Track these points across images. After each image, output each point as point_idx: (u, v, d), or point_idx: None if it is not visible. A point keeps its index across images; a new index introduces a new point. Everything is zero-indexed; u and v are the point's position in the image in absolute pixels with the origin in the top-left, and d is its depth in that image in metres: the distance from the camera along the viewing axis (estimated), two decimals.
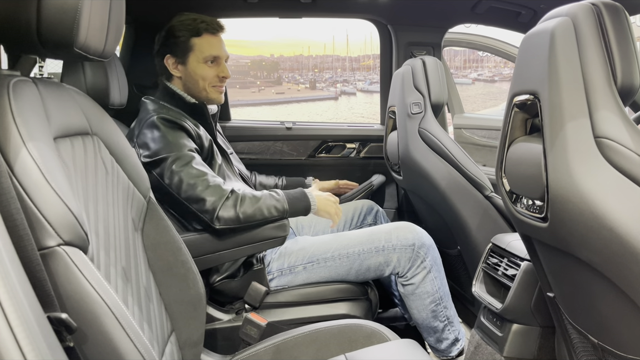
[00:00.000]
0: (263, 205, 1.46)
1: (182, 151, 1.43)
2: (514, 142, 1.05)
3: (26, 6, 0.73)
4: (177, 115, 1.50)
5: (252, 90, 40.44)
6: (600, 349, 0.98)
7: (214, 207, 1.40)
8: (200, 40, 1.57)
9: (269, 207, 1.46)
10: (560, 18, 0.88)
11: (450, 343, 1.65)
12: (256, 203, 1.45)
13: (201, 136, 1.53)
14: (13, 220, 0.59)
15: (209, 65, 1.59)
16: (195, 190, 1.40)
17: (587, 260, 0.88)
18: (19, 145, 0.67)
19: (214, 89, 1.62)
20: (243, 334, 1.34)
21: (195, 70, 1.58)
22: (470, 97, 24.97)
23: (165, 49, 1.59)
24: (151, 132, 1.44)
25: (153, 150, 1.42)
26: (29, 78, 0.80)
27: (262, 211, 1.45)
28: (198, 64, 1.58)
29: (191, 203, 1.41)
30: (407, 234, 1.59)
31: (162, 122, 1.46)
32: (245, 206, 1.43)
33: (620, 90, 0.84)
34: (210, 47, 1.58)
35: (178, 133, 1.46)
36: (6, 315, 0.46)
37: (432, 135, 1.85)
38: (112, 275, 0.86)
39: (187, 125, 1.49)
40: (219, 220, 1.41)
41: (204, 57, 1.58)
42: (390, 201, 2.56)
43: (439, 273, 1.62)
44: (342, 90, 40.21)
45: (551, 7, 0.95)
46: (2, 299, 0.46)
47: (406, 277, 1.59)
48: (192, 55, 1.58)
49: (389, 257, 1.56)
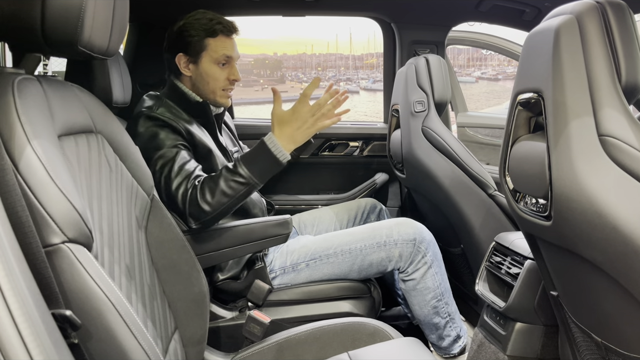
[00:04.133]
0: (223, 184, 1.35)
1: (166, 148, 1.40)
2: (518, 141, 1.05)
3: (31, 5, 0.74)
4: (168, 113, 1.47)
5: (255, 88, 40.41)
6: (604, 347, 0.98)
7: (183, 206, 1.35)
8: (214, 41, 1.55)
9: (229, 184, 1.35)
10: (564, 16, 0.88)
11: (452, 340, 1.65)
12: (216, 186, 1.35)
13: (194, 134, 1.49)
14: (18, 217, 0.60)
15: (221, 67, 1.57)
16: (170, 189, 1.36)
17: (591, 258, 0.88)
18: (24, 143, 0.67)
19: (223, 93, 1.60)
20: (246, 332, 1.34)
21: (207, 71, 1.56)
22: (474, 95, 24.91)
23: (178, 46, 1.57)
24: (136, 131, 1.43)
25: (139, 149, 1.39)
26: (34, 76, 0.80)
27: (225, 191, 1.34)
28: (210, 65, 1.56)
29: (170, 204, 1.37)
30: (408, 229, 1.59)
31: (146, 121, 1.44)
32: (207, 194, 1.34)
33: (625, 88, 0.84)
34: (223, 48, 1.56)
35: (163, 131, 1.43)
36: (11, 311, 0.46)
37: (436, 134, 1.85)
38: (116, 272, 0.86)
39: (175, 123, 1.46)
40: (191, 218, 1.36)
41: (217, 58, 1.55)
42: (394, 199, 2.56)
43: (439, 269, 1.62)
44: (346, 88, 39.95)
45: (555, 5, 0.95)
46: (7, 295, 0.47)
47: (407, 273, 1.60)
48: (205, 55, 1.55)
49: (391, 253, 1.56)
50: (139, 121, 1.45)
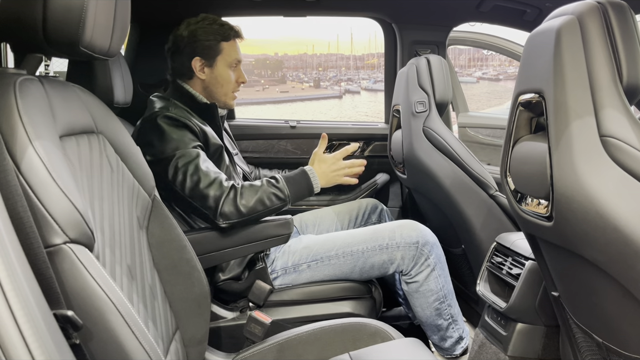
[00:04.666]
0: (263, 194, 1.45)
1: (187, 148, 1.44)
2: (519, 141, 1.05)
3: (32, 5, 0.74)
4: (182, 113, 1.51)
5: (256, 89, 40.44)
6: (605, 348, 0.98)
7: (216, 204, 1.41)
8: (228, 45, 1.63)
9: (269, 196, 1.45)
10: (565, 16, 0.88)
11: (455, 342, 1.65)
12: (255, 194, 1.44)
13: (207, 135, 1.54)
14: (20, 218, 0.60)
15: (233, 70, 1.66)
16: (199, 186, 1.41)
17: (592, 259, 0.88)
18: (26, 143, 0.67)
19: (232, 95, 1.69)
20: (247, 332, 1.34)
21: (221, 74, 1.63)
22: (475, 95, 24.92)
23: (194, 50, 1.61)
24: (155, 131, 1.45)
25: (158, 149, 1.43)
26: (35, 77, 0.80)
27: (264, 201, 1.44)
28: (224, 68, 1.63)
29: (195, 200, 1.42)
30: (411, 232, 1.59)
31: (165, 120, 1.46)
32: (245, 198, 1.43)
33: (626, 88, 0.84)
34: (235, 52, 1.65)
35: (182, 131, 1.47)
36: (13, 312, 0.46)
37: (437, 134, 1.85)
38: (118, 273, 0.86)
39: (191, 123, 1.49)
40: (222, 216, 1.41)
41: (230, 62, 1.64)
42: (395, 200, 2.56)
43: (442, 271, 1.62)
44: (347, 88, 40.20)
45: (556, 5, 0.95)
46: (9, 296, 0.47)
47: (410, 275, 1.59)
48: (220, 59, 1.63)
49: (393, 255, 1.56)
50: (156, 121, 1.47)
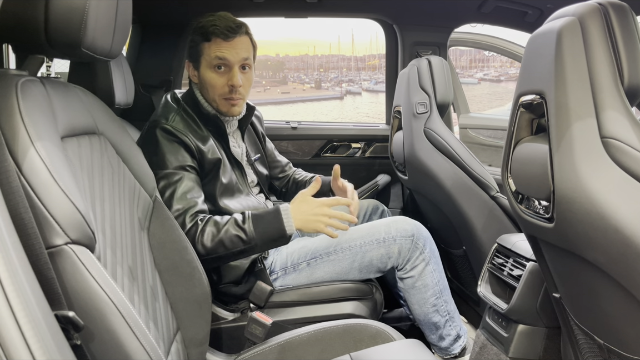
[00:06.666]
0: (224, 235, 1.34)
1: (170, 169, 1.38)
2: (520, 142, 1.05)
3: (34, 6, 0.74)
4: (183, 126, 1.44)
5: (257, 90, 40.45)
6: (606, 349, 0.98)
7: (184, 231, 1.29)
8: (209, 45, 1.46)
9: (231, 238, 1.34)
10: (567, 18, 0.88)
11: (453, 340, 1.65)
12: (217, 234, 1.34)
13: (204, 152, 1.46)
14: (21, 219, 0.60)
15: (218, 72, 1.47)
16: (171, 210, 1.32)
17: (593, 260, 0.88)
18: (27, 144, 0.67)
19: (224, 102, 1.50)
20: (248, 333, 1.34)
21: (204, 77, 1.48)
22: (476, 96, 24.93)
23: (187, 52, 1.53)
24: (151, 140, 1.41)
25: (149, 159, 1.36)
26: (37, 78, 0.80)
27: (224, 243, 1.34)
28: (206, 70, 1.48)
29: None
30: (405, 225, 1.59)
31: (162, 133, 1.41)
32: (206, 238, 1.33)
33: (627, 90, 0.84)
34: (217, 50, 1.45)
35: (175, 147, 1.40)
36: (14, 313, 0.46)
37: (438, 135, 1.85)
38: (119, 273, 0.86)
39: (188, 139, 1.42)
40: None
41: (210, 62, 1.46)
42: (396, 201, 2.56)
43: (437, 266, 1.62)
44: (348, 89, 40.25)
45: (558, 6, 0.95)
46: (10, 297, 0.47)
47: (405, 270, 1.60)
48: (203, 60, 1.48)
49: (390, 249, 1.57)
50: (153, 132, 1.42)
